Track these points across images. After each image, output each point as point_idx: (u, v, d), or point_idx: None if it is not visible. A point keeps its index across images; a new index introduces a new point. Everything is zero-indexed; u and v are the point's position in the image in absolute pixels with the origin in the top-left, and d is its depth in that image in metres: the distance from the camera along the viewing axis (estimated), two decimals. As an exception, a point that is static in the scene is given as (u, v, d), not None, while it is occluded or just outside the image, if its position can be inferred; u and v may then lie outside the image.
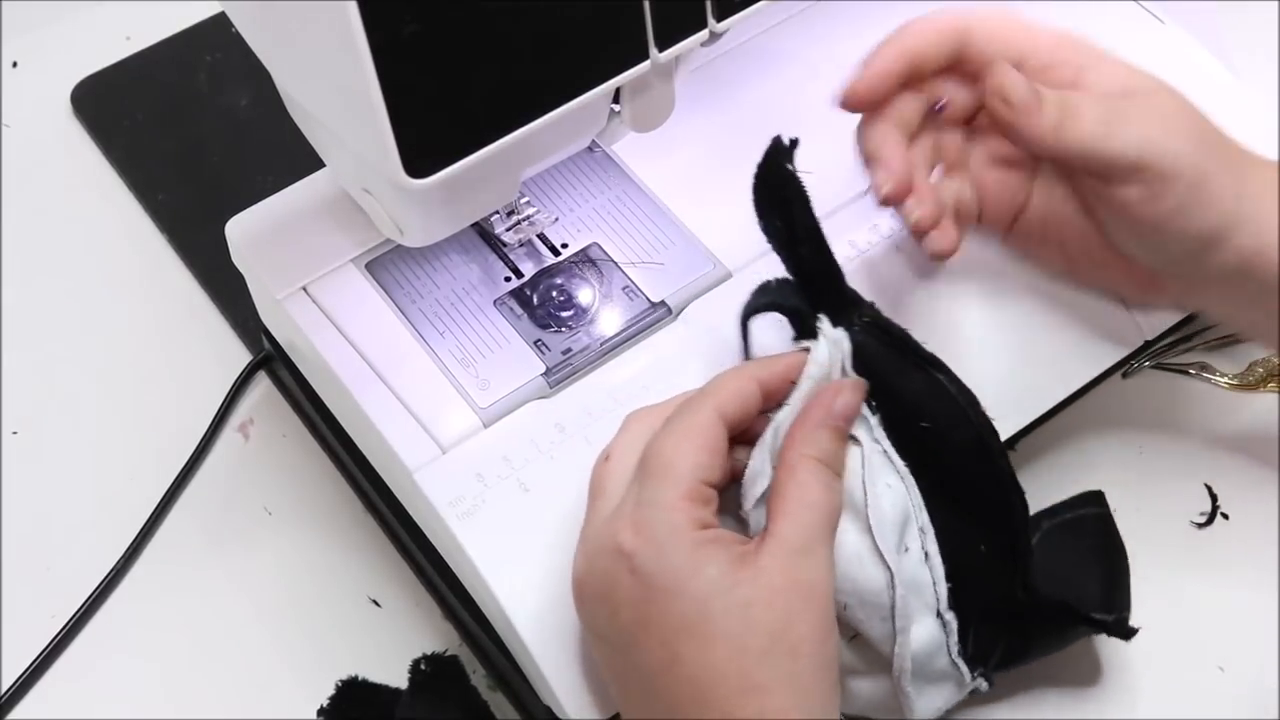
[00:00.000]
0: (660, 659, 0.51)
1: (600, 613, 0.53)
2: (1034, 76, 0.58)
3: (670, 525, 0.52)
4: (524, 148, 0.55)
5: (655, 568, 0.51)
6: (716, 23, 0.56)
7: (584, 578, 0.54)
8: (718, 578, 0.51)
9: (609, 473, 0.56)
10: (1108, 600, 0.62)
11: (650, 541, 0.52)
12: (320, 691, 0.66)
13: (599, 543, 0.54)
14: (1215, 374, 0.75)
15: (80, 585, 0.70)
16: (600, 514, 0.55)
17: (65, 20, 0.92)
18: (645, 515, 0.52)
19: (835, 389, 0.56)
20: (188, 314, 0.80)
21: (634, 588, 0.52)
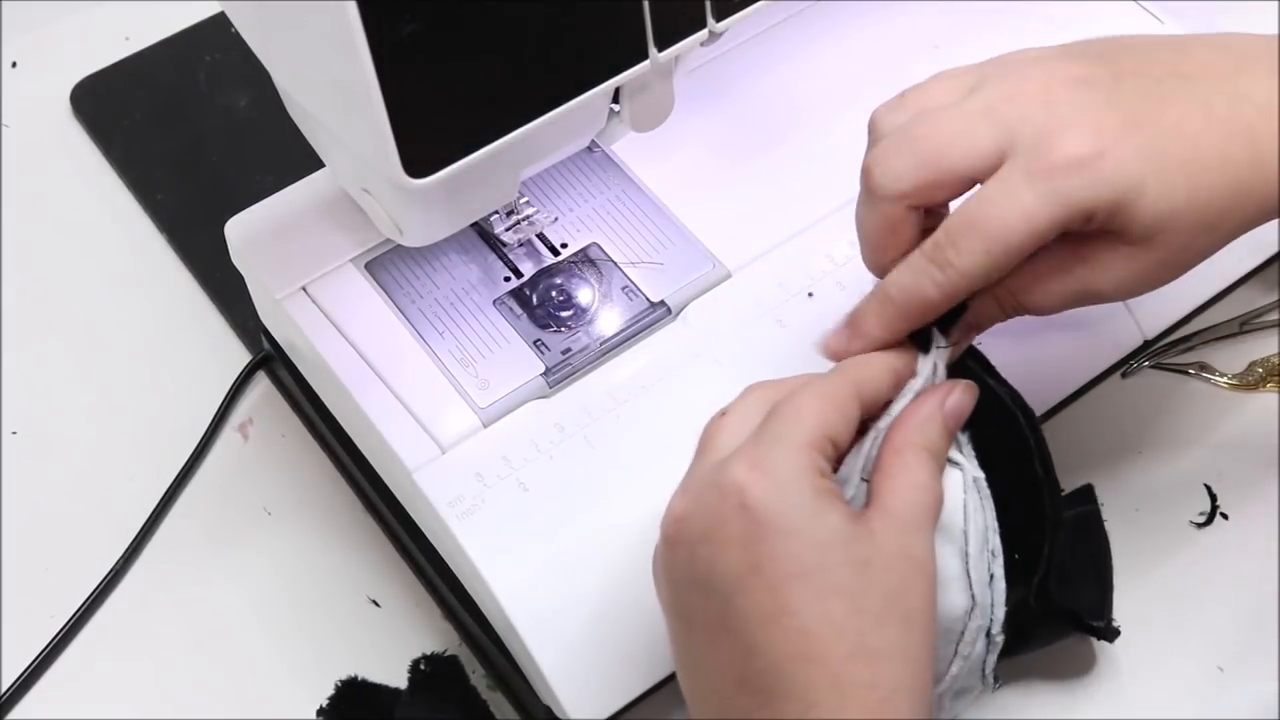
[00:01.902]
0: (768, 608, 0.47)
1: (701, 554, 0.49)
2: None
3: (793, 466, 0.48)
4: (524, 148, 0.55)
5: (773, 505, 0.48)
6: (716, 23, 0.56)
7: (683, 517, 0.50)
8: (839, 526, 0.48)
9: (723, 427, 0.52)
10: (1101, 606, 0.64)
11: (769, 477, 0.48)
12: (320, 691, 0.66)
13: (706, 480, 0.50)
14: (1215, 374, 0.75)
15: (80, 585, 0.70)
16: (710, 461, 0.51)
17: (65, 20, 0.91)
18: (765, 452, 0.49)
19: (948, 387, 0.54)
20: (187, 314, 0.80)
21: (745, 525, 0.48)
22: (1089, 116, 0.51)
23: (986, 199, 0.51)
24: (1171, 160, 0.51)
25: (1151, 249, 0.52)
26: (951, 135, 0.52)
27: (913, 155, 0.53)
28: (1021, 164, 0.51)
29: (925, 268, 0.53)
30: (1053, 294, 0.54)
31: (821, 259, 0.67)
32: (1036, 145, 0.51)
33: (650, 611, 0.60)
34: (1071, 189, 0.50)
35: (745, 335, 0.65)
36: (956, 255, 0.52)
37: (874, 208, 0.54)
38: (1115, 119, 0.51)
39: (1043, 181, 0.50)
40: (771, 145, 0.71)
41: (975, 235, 0.51)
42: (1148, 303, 0.69)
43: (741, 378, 0.64)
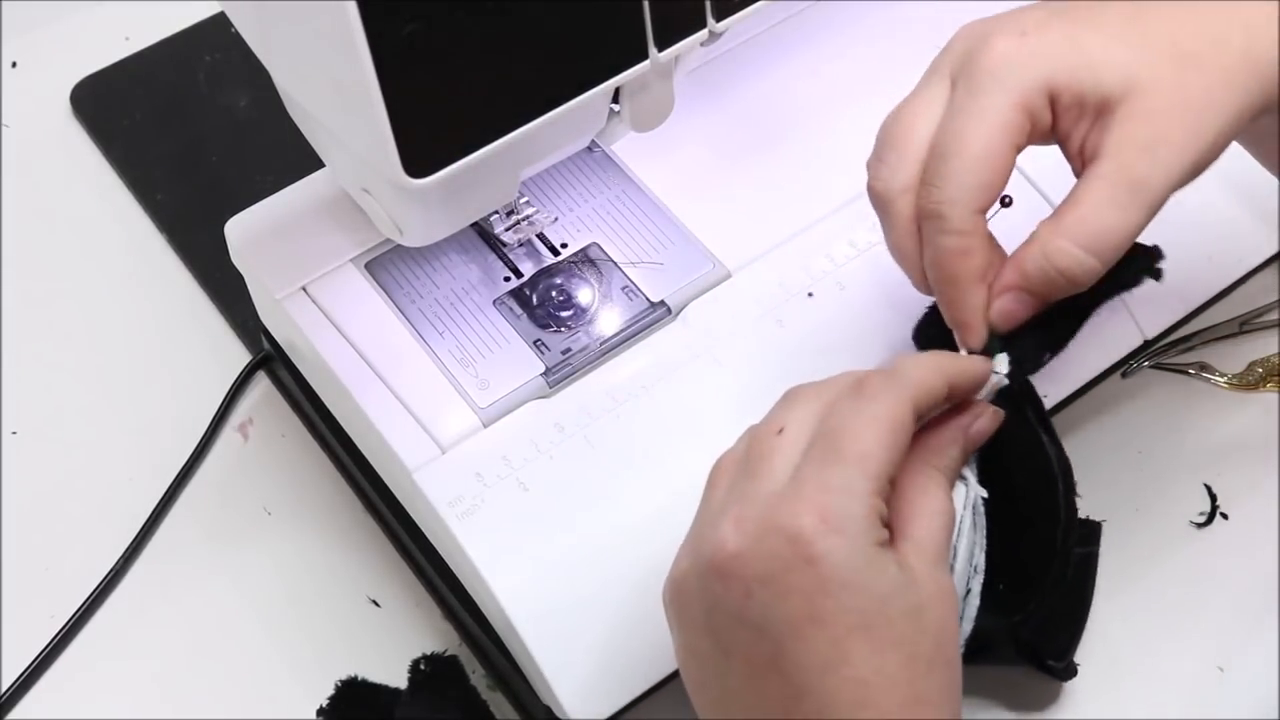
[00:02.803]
0: (826, 656, 0.47)
1: (757, 596, 0.48)
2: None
3: (862, 520, 0.48)
4: (523, 147, 0.55)
5: (841, 560, 0.47)
6: (716, 23, 0.56)
7: (741, 556, 0.48)
8: (896, 578, 0.48)
9: (780, 447, 0.50)
10: (1066, 649, 0.64)
11: (839, 533, 0.47)
12: (320, 691, 0.66)
13: (771, 521, 0.48)
14: (1215, 374, 0.75)
15: (79, 585, 0.70)
16: (765, 488, 0.49)
17: (65, 20, 0.91)
18: (835, 504, 0.48)
19: (977, 411, 0.54)
20: (187, 314, 0.80)
21: (810, 578, 0.47)
22: (1008, 21, 0.53)
23: (942, 128, 0.52)
24: (1102, 21, 0.52)
25: (1142, 95, 0.51)
26: (910, 110, 0.54)
27: (891, 149, 0.54)
28: (961, 84, 0.52)
29: (928, 226, 0.53)
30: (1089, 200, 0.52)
31: (821, 259, 0.67)
32: (970, 63, 0.53)
33: (651, 612, 0.60)
34: (1008, 77, 0.51)
35: (745, 335, 0.65)
36: (940, 190, 0.52)
37: (892, 220, 0.54)
38: (1036, 15, 0.53)
39: (980, 81, 0.52)
40: (771, 145, 0.71)
41: (944, 161, 0.52)
42: (1148, 303, 0.69)
43: (741, 378, 0.64)
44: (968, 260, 0.53)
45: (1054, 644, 0.64)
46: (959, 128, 0.52)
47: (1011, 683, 0.65)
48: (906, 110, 0.54)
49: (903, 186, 0.53)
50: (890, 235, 0.55)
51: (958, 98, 0.53)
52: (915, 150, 0.53)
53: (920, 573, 0.49)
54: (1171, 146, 0.51)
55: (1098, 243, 0.52)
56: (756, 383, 0.64)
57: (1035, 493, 0.56)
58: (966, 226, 0.52)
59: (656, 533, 0.61)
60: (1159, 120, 0.51)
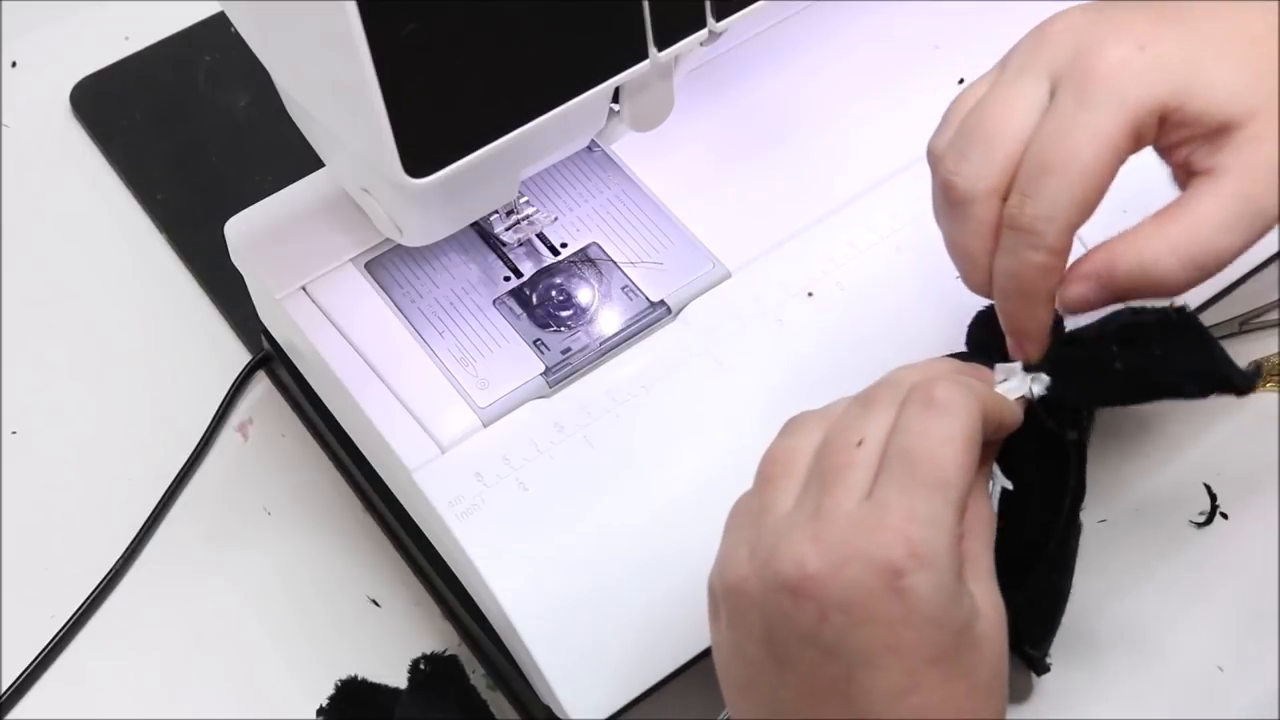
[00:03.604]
0: (898, 685, 0.47)
1: (834, 620, 0.47)
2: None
3: (950, 555, 0.47)
4: (523, 147, 0.55)
5: (927, 594, 0.46)
6: (715, 22, 0.56)
7: (822, 578, 0.47)
8: (970, 609, 0.47)
9: (859, 461, 0.49)
10: (1043, 640, 0.64)
11: (926, 566, 0.46)
12: (320, 691, 0.66)
13: (855, 547, 0.47)
14: (1215, 374, 0.75)
15: (79, 585, 0.70)
16: (844, 506, 0.48)
17: (65, 20, 0.92)
18: (924, 536, 0.46)
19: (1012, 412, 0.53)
20: (187, 314, 0.80)
21: (894, 608, 0.46)
22: (1120, 24, 0.50)
23: (1046, 137, 0.49)
24: (1218, 38, 0.49)
25: (1263, 120, 0.49)
26: (1003, 106, 0.50)
27: (979, 146, 0.50)
28: (1068, 89, 0.49)
29: (1017, 239, 0.50)
30: (1205, 217, 0.49)
31: (821, 259, 0.67)
32: (1077, 66, 0.49)
33: (651, 612, 0.60)
34: (1126, 88, 0.48)
35: (745, 335, 0.65)
36: (1038, 205, 0.49)
37: (967, 219, 0.51)
38: (1146, 19, 0.50)
39: (1094, 92, 0.49)
40: (771, 145, 0.71)
41: (1048, 176, 0.49)
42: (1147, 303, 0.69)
43: (741, 378, 0.64)
44: (1050, 278, 0.51)
45: (1031, 631, 0.64)
46: (1067, 141, 0.49)
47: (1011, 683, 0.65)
48: (997, 105, 0.51)
49: (989, 189, 0.50)
50: (959, 234, 0.52)
51: (1064, 106, 0.49)
52: (1007, 152, 0.50)
53: (979, 595, 0.48)
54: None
55: (1201, 260, 0.50)
56: (756, 383, 0.64)
57: (1043, 485, 0.56)
58: (1060, 245, 0.50)
59: (657, 532, 0.61)
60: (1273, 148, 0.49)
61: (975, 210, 0.51)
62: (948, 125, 0.53)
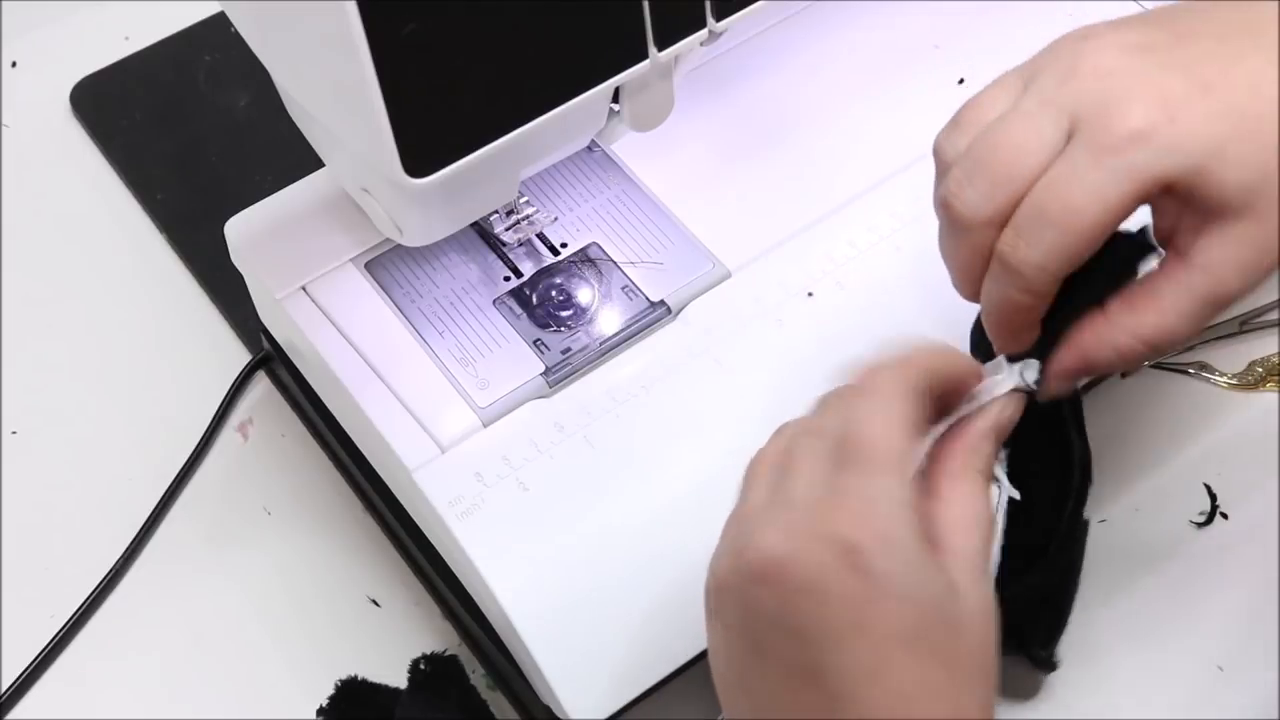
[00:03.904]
0: (867, 665, 0.47)
1: (798, 605, 0.47)
2: None
3: (903, 520, 0.48)
4: (523, 147, 0.55)
5: (884, 568, 0.47)
6: (716, 22, 0.56)
7: (783, 562, 0.48)
8: (939, 587, 0.47)
9: (812, 450, 0.50)
10: (1050, 638, 0.64)
11: (879, 538, 0.47)
12: (320, 691, 0.66)
13: (811, 528, 0.48)
14: (1215, 374, 0.75)
15: (79, 585, 0.70)
16: (806, 493, 0.49)
17: (65, 20, 0.91)
18: (872, 510, 0.48)
19: (999, 404, 0.53)
20: (187, 314, 0.80)
21: (855, 586, 0.47)
22: (1152, 82, 0.49)
23: (1052, 184, 0.49)
24: (1249, 119, 0.48)
25: (1256, 219, 0.49)
26: (1018, 142, 0.50)
27: (986, 178, 0.50)
28: (1085, 141, 0.49)
29: (1004, 275, 0.50)
30: (1173, 309, 0.50)
31: (821, 259, 0.67)
32: (1098, 120, 0.49)
33: (650, 612, 0.60)
34: (1140, 162, 0.48)
35: (745, 335, 0.65)
36: (1030, 252, 0.49)
37: (962, 240, 0.51)
38: (1180, 82, 0.49)
39: (1109, 157, 0.48)
40: (771, 145, 0.71)
41: (1045, 225, 0.49)
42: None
43: (741, 378, 0.64)
44: (1033, 315, 0.52)
45: (1037, 631, 0.64)
46: (1071, 196, 0.49)
47: (1011, 682, 0.65)
48: (1012, 138, 0.50)
49: (988, 220, 0.50)
50: (954, 249, 0.52)
51: (1077, 159, 0.49)
52: (1013, 189, 0.50)
53: (962, 585, 0.48)
54: (1267, 269, 0.50)
55: (1164, 343, 0.51)
56: (756, 383, 0.64)
57: (1049, 477, 0.56)
58: (1046, 291, 0.51)
59: (657, 532, 0.61)
60: (1265, 246, 0.49)
61: (971, 236, 0.51)
62: (959, 130, 0.52)
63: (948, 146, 0.52)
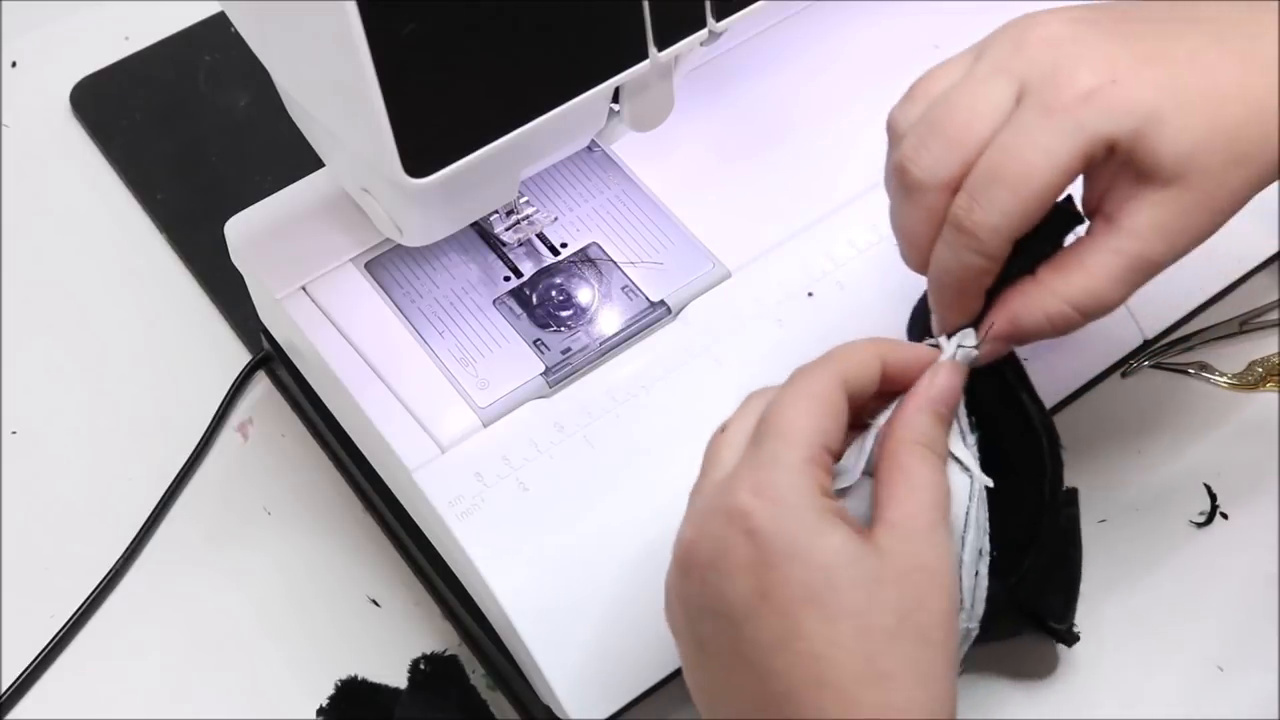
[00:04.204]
0: (778, 633, 0.47)
1: (711, 582, 0.48)
2: None
3: (793, 486, 0.48)
4: (523, 147, 0.55)
5: (776, 528, 0.47)
6: (715, 22, 0.56)
7: (692, 544, 0.49)
8: (843, 547, 0.47)
9: (725, 442, 0.52)
10: (1064, 611, 0.64)
11: (772, 502, 0.48)
12: (320, 691, 0.66)
13: (711, 505, 0.49)
14: (1215, 374, 0.75)
15: (79, 585, 0.70)
16: (711, 481, 0.51)
17: (65, 20, 0.91)
18: (765, 475, 0.48)
19: (932, 372, 0.53)
20: (187, 314, 0.80)
21: (751, 551, 0.47)
22: (1099, 49, 0.51)
23: (1003, 147, 0.50)
24: (1189, 91, 0.50)
25: (1185, 188, 0.50)
26: (970, 105, 0.51)
27: (941, 140, 0.51)
28: (1034, 103, 0.50)
29: (958, 238, 0.51)
30: (1100, 273, 0.51)
31: (821, 259, 0.67)
32: (1047, 83, 0.50)
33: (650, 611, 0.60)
34: (1088, 119, 0.49)
35: (745, 335, 0.65)
36: (984, 213, 0.50)
37: (916, 205, 0.52)
38: (1126, 52, 0.50)
39: (1058, 117, 0.49)
40: (771, 145, 0.71)
41: (998, 187, 0.50)
42: (1148, 303, 0.69)
43: (741, 378, 0.64)
44: (984, 280, 0.52)
45: (1051, 607, 0.64)
46: (1022, 157, 0.50)
47: (1012, 683, 0.65)
48: (963, 101, 0.52)
49: (941, 183, 0.52)
50: (906, 216, 0.53)
51: (1026, 121, 0.50)
52: (966, 150, 0.51)
53: (889, 550, 0.48)
54: (1193, 238, 0.51)
55: (1095, 309, 0.52)
56: (756, 383, 0.63)
57: (1021, 452, 0.56)
58: (999, 254, 0.51)
59: (656, 532, 0.61)
60: (1192, 215, 0.51)
61: (925, 199, 0.52)
62: (912, 102, 0.54)
63: (901, 118, 0.54)
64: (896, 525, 0.49)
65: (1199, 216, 0.51)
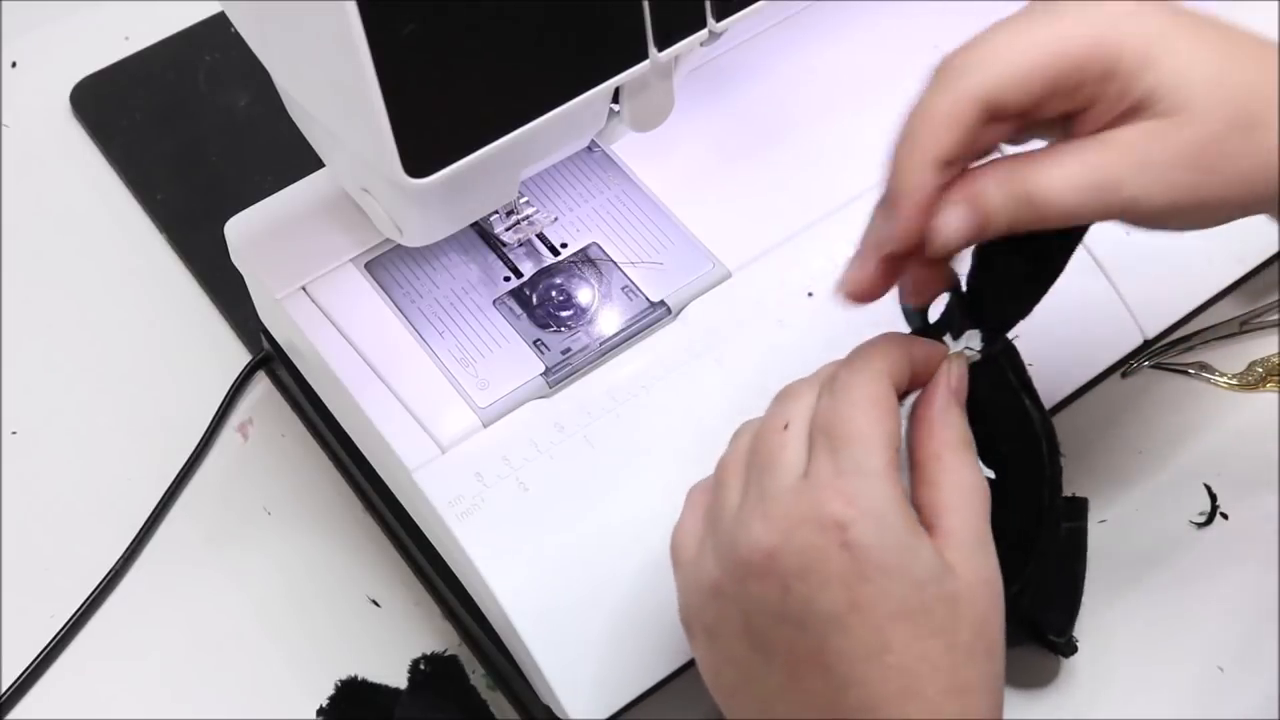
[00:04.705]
0: (869, 644, 0.47)
1: (797, 591, 0.48)
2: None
3: (887, 496, 0.48)
4: (524, 147, 0.55)
5: (875, 541, 0.47)
6: (716, 22, 0.56)
7: (778, 551, 0.48)
8: (933, 563, 0.48)
9: (788, 442, 0.50)
10: (1064, 624, 0.64)
11: (868, 514, 0.47)
12: (320, 691, 0.66)
13: (799, 513, 0.48)
14: (1215, 374, 0.75)
15: (80, 585, 0.70)
16: (784, 483, 0.49)
17: (65, 20, 0.92)
18: (856, 485, 0.48)
19: (948, 365, 0.53)
20: (187, 314, 0.80)
21: (848, 564, 0.47)
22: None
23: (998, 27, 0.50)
24: (1205, 31, 0.49)
25: (1181, 125, 0.48)
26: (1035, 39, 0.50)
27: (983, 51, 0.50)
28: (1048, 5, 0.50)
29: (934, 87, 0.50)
30: (1068, 178, 0.49)
31: (821, 259, 0.67)
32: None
33: (650, 611, 0.60)
34: (1107, 18, 0.49)
35: (745, 335, 0.65)
36: (963, 73, 0.50)
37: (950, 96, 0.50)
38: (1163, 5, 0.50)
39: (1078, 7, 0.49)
40: (771, 145, 0.71)
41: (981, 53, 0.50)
42: (1148, 303, 0.69)
43: (741, 378, 0.64)
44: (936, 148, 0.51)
45: (1052, 620, 0.64)
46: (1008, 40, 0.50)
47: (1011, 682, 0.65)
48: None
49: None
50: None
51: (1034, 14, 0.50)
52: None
53: (957, 562, 0.48)
54: (1168, 184, 0.49)
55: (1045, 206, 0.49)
56: (756, 383, 0.64)
57: (1020, 455, 0.56)
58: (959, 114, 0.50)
59: (657, 532, 0.61)
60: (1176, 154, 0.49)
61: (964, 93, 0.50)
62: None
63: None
64: (958, 535, 0.49)
65: (1182, 161, 0.49)
